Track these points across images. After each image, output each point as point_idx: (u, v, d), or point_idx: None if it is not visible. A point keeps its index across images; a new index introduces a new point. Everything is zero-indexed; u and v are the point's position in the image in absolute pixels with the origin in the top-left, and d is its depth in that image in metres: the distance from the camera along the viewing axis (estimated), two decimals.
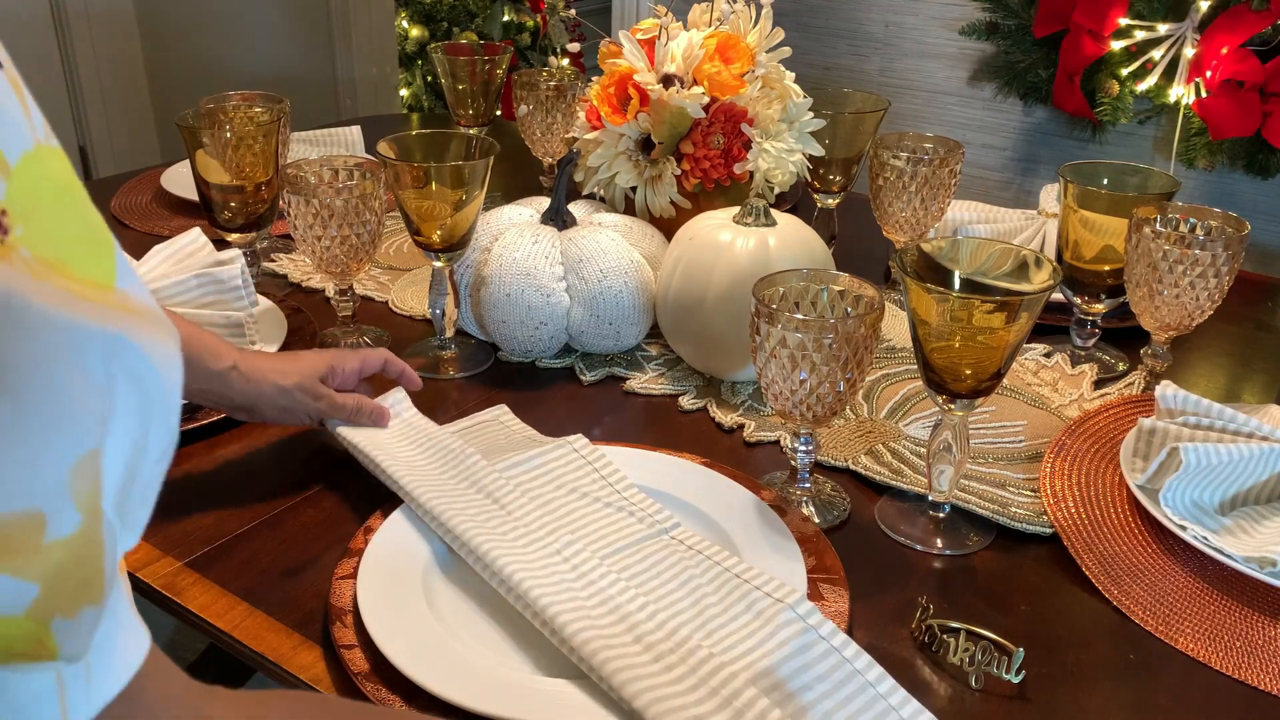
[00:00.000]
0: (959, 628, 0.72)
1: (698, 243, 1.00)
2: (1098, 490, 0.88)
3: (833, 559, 0.77)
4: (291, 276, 1.26)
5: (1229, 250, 0.95)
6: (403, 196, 1.01)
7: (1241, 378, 1.13)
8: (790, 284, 0.83)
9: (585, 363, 1.07)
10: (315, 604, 0.73)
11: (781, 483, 0.89)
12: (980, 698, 0.68)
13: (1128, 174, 1.10)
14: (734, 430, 0.97)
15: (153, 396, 0.37)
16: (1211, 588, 0.78)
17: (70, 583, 0.34)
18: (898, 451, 0.93)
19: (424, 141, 1.03)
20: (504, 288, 1.03)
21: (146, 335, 0.37)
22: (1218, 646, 0.73)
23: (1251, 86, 2.25)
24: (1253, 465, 0.82)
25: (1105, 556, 0.81)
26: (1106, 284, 1.07)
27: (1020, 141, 2.74)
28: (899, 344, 1.13)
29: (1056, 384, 1.07)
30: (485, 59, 1.48)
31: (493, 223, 1.09)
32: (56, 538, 0.33)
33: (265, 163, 1.18)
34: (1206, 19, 2.31)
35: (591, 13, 3.47)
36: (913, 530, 0.84)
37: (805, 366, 0.77)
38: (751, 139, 1.15)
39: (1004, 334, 0.75)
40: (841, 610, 0.73)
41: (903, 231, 1.19)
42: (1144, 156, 2.53)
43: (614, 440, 0.92)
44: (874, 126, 1.26)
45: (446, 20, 2.87)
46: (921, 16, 2.80)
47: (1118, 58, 2.42)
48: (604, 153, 1.18)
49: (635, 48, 1.17)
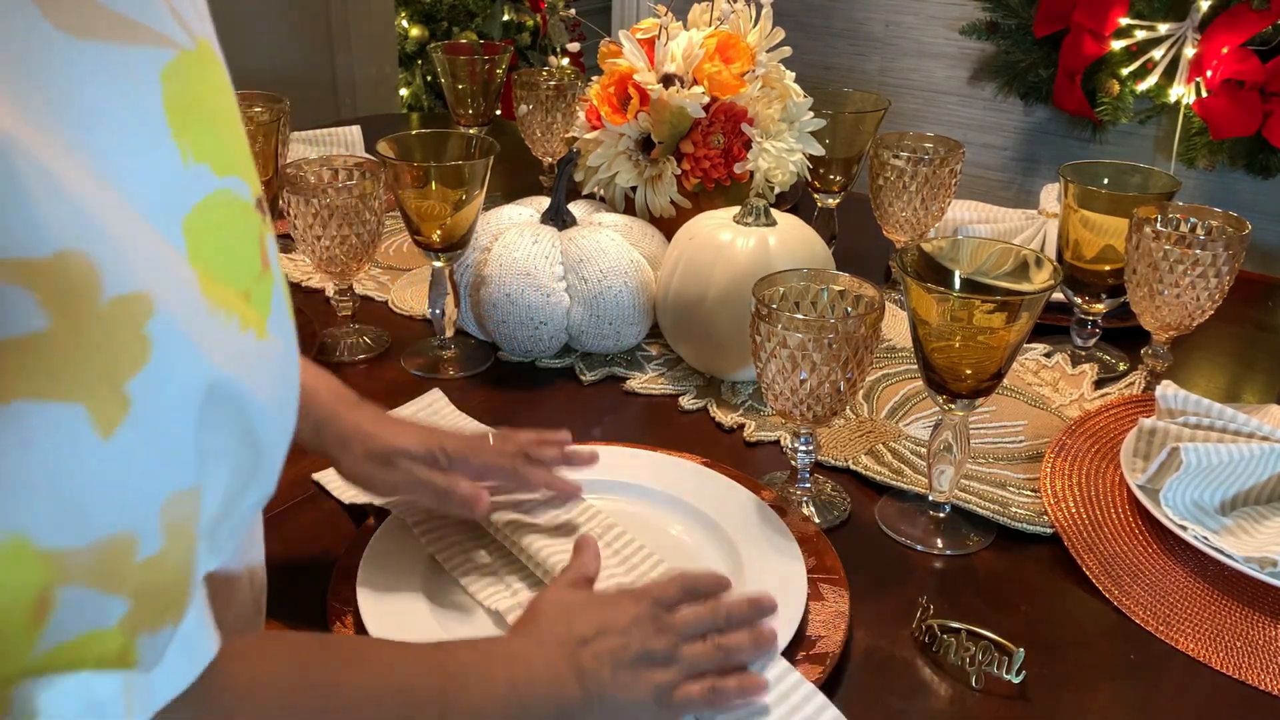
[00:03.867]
0: (959, 628, 0.72)
1: (698, 243, 1.00)
2: (1098, 490, 0.88)
3: (833, 559, 0.77)
4: (291, 276, 1.26)
5: (1229, 250, 0.95)
6: (403, 196, 1.01)
7: (1242, 378, 1.13)
8: (790, 284, 0.83)
9: (585, 363, 1.07)
10: (315, 604, 0.73)
11: (782, 483, 0.88)
12: (980, 698, 0.68)
13: (1128, 174, 1.10)
14: (734, 430, 0.97)
15: (261, 452, 0.39)
16: (1212, 588, 0.78)
17: (157, 601, 0.36)
18: (898, 451, 0.93)
19: (424, 141, 1.03)
20: (504, 288, 1.02)
21: (266, 388, 0.39)
22: (1218, 646, 0.73)
23: (1252, 86, 2.25)
24: (1253, 465, 0.82)
25: (1106, 557, 0.81)
26: (1107, 284, 1.07)
27: (1020, 141, 2.74)
28: (899, 344, 1.13)
29: (1057, 384, 1.07)
30: (485, 59, 1.48)
31: (493, 223, 1.08)
32: (146, 557, 0.35)
33: (265, 162, 1.18)
34: (1207, 19, 2.31)
35: (591, 13, 3.47)
36: (913, 530, 0.84)
37: (805, 366, 0.77)
38: (751, 139, 1.15)
39: (1004, 334, 0.75)
40: (841, 610, 0.73)
41: (903, 231, 1.19)
42: (1144, 156, 2.53)
43: (614, 440, 0.92)
44: (874, 126, 1.26)
45: (446, 20, 2.87)
46: (922, 16, 2.80)
47: (1118, 57, 2.42)
48: (604, 152, 1.18)
49: (635, 47, 1.17)
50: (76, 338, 0.32)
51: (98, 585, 0.33)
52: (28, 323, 0.31)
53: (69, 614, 0.33)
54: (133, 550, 0.34)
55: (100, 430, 0.32)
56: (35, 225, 0.31)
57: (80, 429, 0.32)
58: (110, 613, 0.34)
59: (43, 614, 0.32)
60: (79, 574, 0.33)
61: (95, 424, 0.32)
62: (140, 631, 0.36)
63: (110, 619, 0.34)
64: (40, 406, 0.31)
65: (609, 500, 0.83)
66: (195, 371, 0.35)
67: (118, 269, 0.33)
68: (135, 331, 0.33)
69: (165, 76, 0.34)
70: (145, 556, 0.35)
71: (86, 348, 0.32)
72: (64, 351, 0.32)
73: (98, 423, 0.32)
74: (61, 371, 0.32)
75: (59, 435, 0.32)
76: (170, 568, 0.36)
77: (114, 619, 0.34)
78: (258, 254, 0.40)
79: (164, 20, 0.35)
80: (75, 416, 0.32)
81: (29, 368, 0.31)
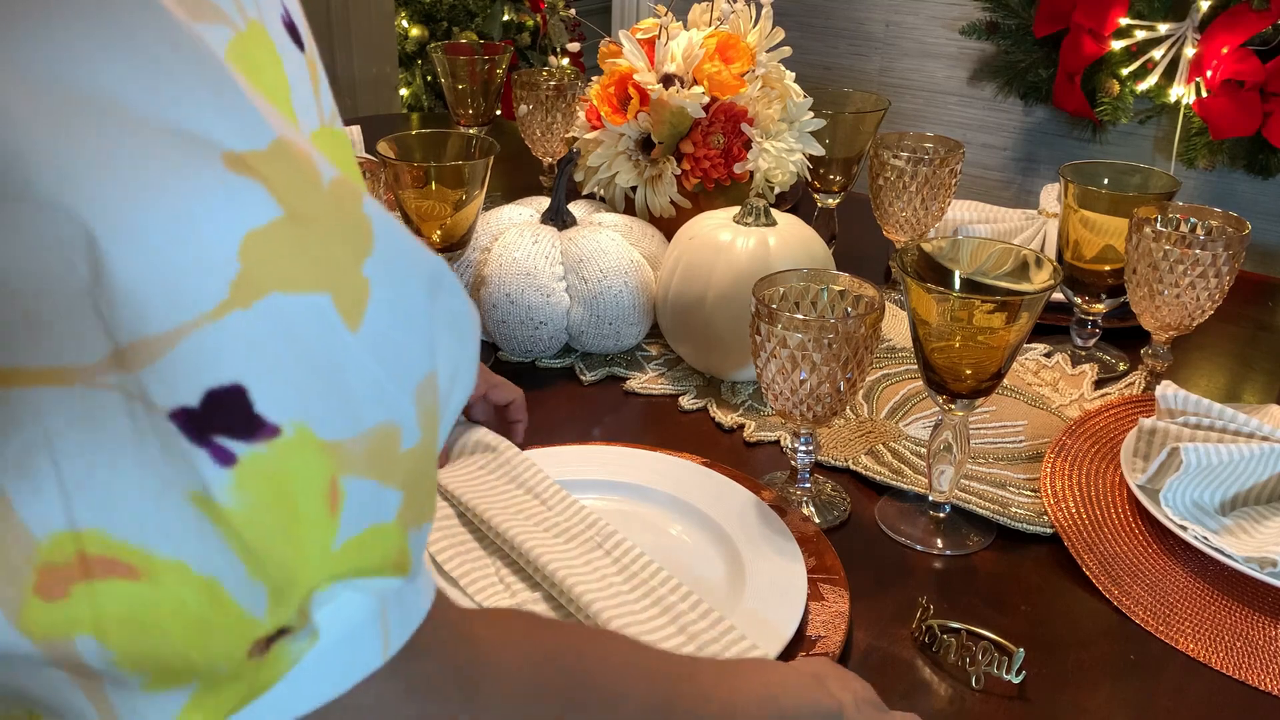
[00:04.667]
0: (959, 628, 0.72)
1: (698, 243, 1.00)
2: (1098, 490, 0.88)
3: (833, 559, 0.77)
4: None
5: (1229, 250, 0.95)
6: (403, 196, 1.01)
7: (1242, 378, 1.13)
8: (790, 284, 0.83)
9: (585, 363, 1.07)
10: None
11: (781, 483, 0.88)
12: (980, 698, 0.68)
13: (1128, 174, 1.10)
14: (734, 430, 0.97)
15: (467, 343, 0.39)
16: (1212, 588, 0.78)
17: (420, 492, 0.36)
18: (898, 451, 0.93)
19: (424, 141, 1.03)
20: (504, 288, 1.02)
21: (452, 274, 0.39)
22: (1218, 646, 0.73)
23: (1252, 86, 2.25)
24: (1253, 465, 0.82)
25: (1106, 557, 0.81)
26: (1107, 284, 1.07)
27: (1020, 141, 2.74)
28: (899, 344, 1.13)
29: (1057, 384, 1.07)
30: (485, 59, 1.48)
31: (493, 223, 1.08)
32: (409, 447, 0.35)
33: None
34: (1207, 19, 2.31)
35: (591, 13, 3.47)
36: (913, 530, 0.84)
37: (805, 366, 0.77)
38: (751, 139, 1.15)
39: (1004, 334, 0.75)
40: (841, 610, 0.73)
41: (903, 231, 1.19)
42: (1144, 156, 2.53)
43: (614, 440, 0.92)
44: (874, 126, 1.26)
45: (446, 20, 2.87)
46: (922, 16, 2.80)
47: (1118, 57, 2.42)
48: (604, 152, 1.18)
49: (635, 47, 1.17)
50: (310, 223, 0.32)
51: (377, 476, 0.33)
52: (263, 212, 0.31)
53: (356, 505, 0.33)
54: (398, 439, 0.34)
55: (348, 320, 0.32)
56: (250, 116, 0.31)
57: (331, 319, 0.32)
58: (389, 505, 0.34)
59: (336, 504, 0.32)
60: (359, 464, 0.33)
61: (343, 313, 0.32)
62: (410, 527, 0.36)
63: (390, 512, 0.34)
64: (290, 300, 0.31)
65: (609, 500, 0.83)
66: (414, 252, 0.35)
67: (319, 157, 0.33)
68: (357, 212, 0.33)
69: (229, 53, 0.34)
70: (409, 446, 0.35)
71: (321, 232, 0.32)
72: (301, 238, 0.31)
73: (345, 312, 0.32)
74: (304, 259, 0.31)
75: (314, 327, 0.31)
76: (427, 456, 0.36)
77: (393, 512, 0.34)
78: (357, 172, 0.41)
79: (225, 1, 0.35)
80: (325, 307, 0.32)
81: (271, 260, 0.31)
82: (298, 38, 0.40)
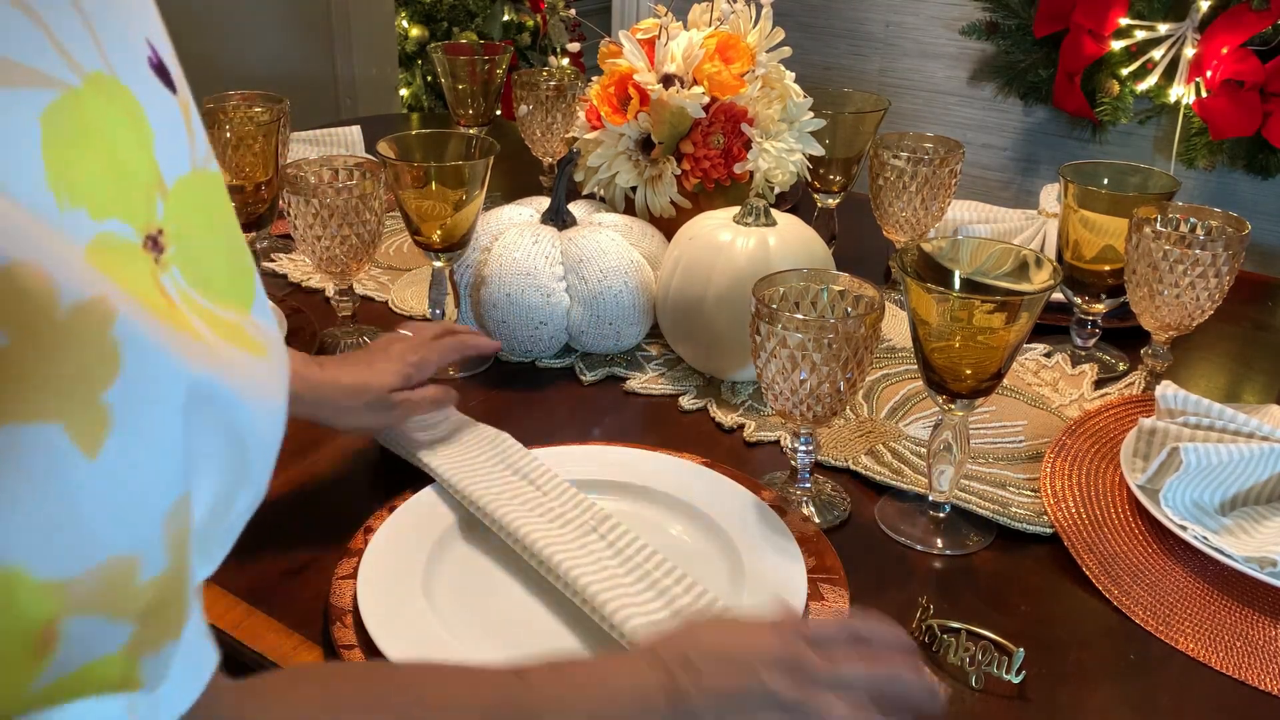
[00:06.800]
0: (959, 628, 0.72)
1: (698, 243, 1.00)
2: (1098, 490, 0.88)
3: (833, 559, 0.77)
4: (291, 276, 1.26)
5: (1229, 250, 0.95)
6: (403, 196, 1.01)
7: (1242, 378, 1.13)
8: (790, 284, 0.83)
9: (585, 363, 1.07)
10: (315, 604, 0.73)
11: (781, 483, 0.89)
12: (980, 698, 0.68)
13: (1128, 174, 1.10)
14: (734, 430, 0.97)
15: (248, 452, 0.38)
16: (1212, 588, 0.78)
17: (159, 620, 0.35)
18: (898, 451, 0.93)
19: (424, 141, 1.03)
20: (504, 288, 1.02)
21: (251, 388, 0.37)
22: (1218, 646, 0.73)
23: (1252, 86, 2.25)
24: (1253, 465, 0.82)
25: (1106, 556, 0.81)
26: (1107, 284, 1.07)
27: (1020, 141, 2.74)
28: (899, 344, 1.13)
29: (1057, 384, 1.07)
30: (485, 59, 1.48)
31: (493, 223, 1.08)
32: (149, 578, 0.33)
33: (265, 163, 1.18)
34: (1207, 19, 2.31)
35: (591, 13, 3.47)
36: (913, 530, 0.84)
37: (805, 366, 0.77)
38: (751, 139, 1.15)
39: (1004, 334, 0.75)
40: (841, 610, 0.73)
41: (903, 231, 1.19)
42: (1144, 156, 2.53)
43: (614, 440, 0.92)
44: (874, 126, 1.26)
45: (446, 20, 2.87)
46: (921, 16, 2.80)
47: (1118, 58, 2.42)
48: (604, 153, 1.18)
49: (635, 48, 1.17)
50: (40, 351, 0.30)
51: (105, 611, 0.32)
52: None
53: (73, 646, 0.32)
54: (136, 571, 0.33)
55: (85, 448, 0.31)
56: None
57: (63, 449, 0.30)
58: (114, 639, 0.33)
59: (46, 649, 0.31)
60: (86, 602, 0.31)
61: (78, 442, 0.31)
62: (143, 654, 0.34)
63: (114, 645, 0.33)
64: (15, 429, 0.29)
65: (609, 500, 0.83)
66: (171, 374, 0.34)
67: (69, 277, 0.31)
68: (101, 338, 0.31)
69: (45, 118, 0.32)
70: (150, 575, 0.33)
71: (53, 361, 0.30)
72: (30, 368, 0.29)
73: (81, 440, 0.31)
74: (31, 389, 0.30)
75: (42, 458, 0.30)
76: (173, 584, 0.35)
77: (117, 645, 0.33)
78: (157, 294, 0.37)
79: (48, 58, 0.33)
80: (55, 436, 0.30)
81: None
82: (169, 80, 0.38)
